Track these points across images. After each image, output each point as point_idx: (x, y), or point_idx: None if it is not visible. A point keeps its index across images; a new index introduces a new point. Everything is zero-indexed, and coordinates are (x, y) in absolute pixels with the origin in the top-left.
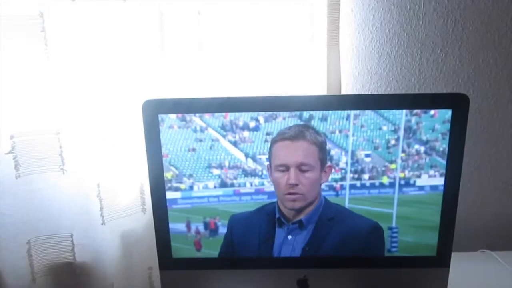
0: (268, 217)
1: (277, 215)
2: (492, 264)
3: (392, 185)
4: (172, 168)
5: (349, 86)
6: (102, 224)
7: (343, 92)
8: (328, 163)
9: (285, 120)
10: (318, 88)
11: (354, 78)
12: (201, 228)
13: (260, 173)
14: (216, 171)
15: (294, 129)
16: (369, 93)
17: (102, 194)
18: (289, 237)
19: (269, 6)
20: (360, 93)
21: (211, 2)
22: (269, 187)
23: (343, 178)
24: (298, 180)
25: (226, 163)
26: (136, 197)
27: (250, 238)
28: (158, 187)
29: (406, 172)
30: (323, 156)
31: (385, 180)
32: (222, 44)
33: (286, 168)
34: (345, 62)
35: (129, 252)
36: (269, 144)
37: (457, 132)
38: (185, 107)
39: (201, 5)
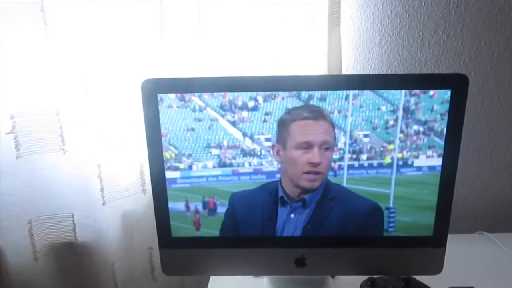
0: (270, 196)
1: (280, 194)
2: (489, 245)
3: (390, 165)
4: (171, 147)
5: (349, 67)
6: (103, 204)
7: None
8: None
9: (284, 100)
10: (319, 69)
11: (355, 60)
12: (200, 207)
13: (258, 153)
14: (215, 151)
15: (312, 109)
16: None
17: (103, 174)
18: (292, 215)
19: None
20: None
21: None
22: (267, 167)
23: (341, 158)
24: (321, 159)
25: (225, 143)
26: (136, 178)
27: (252, 217)
28: (157, 166)
29: (404, 152)
30: (335, 136)
31: (388, 160)
32: (222, 24)
33: (309, 146)
34: (346, 44)
35: (129, 232)
36: (272, 123)
37: (456, 113)
38: (184, 86)
39: None
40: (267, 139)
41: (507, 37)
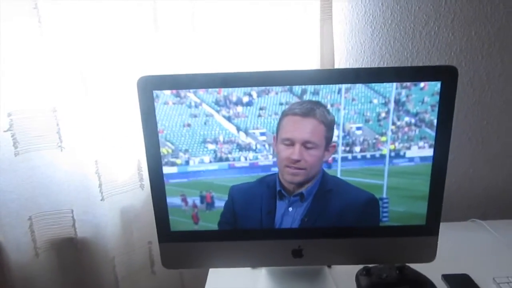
0: (269, 190)
1: (278, 188)
2: (482, 232)
3: (382, 156)
4: (168, 143)
5: (342, 60)
6: (101, 200)
7: (337, 66)
8: (333, 143)
9: (277, 95)
10: (312, 62)
11: (348, 52)
12: (198, 201)
13: (254, 147)
14: (211, 146)
15: (305, 105)
16: (362, 66)
17: (101, 170)
18: (290, 209)
19: None
20: (353, 67)
21: None
22: (263, 161)
23: (335, 151)
24: (301, 156)
25: (221, 138)
26: (134, 173)
27: (252, 210)
28: (155, 162)
29: (396, 144)
30: (330, 135)
31: (385, 152)
32: (216, 21)
33: (291, 142)
34: (338, 37)
35: (128, 227)
36: (263, 118)
37: (446, 104)
38: (179, 83)
39: None
40: (262, 134)
41: (497, 27)
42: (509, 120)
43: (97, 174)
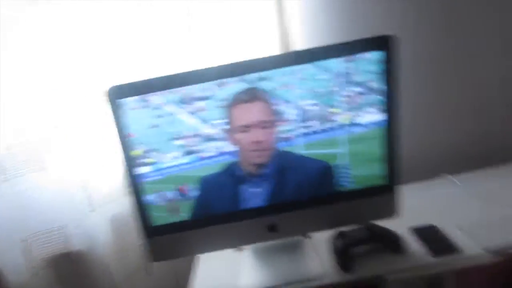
0: (233, 176)
1: (241, 173)
2: (447, 186)
3: (339, 126)
4: (140, 145)
5: (299, 41)
6: (91, 211)
7: (293, 49)
8: (280, 117)
9: (234, 85)
10: (271, 49)
11: (304, 33)
12: (175, 195)
13: (218, 137)
14: (179, 142)
15: (246, 92)
16: (317, 46)
17: (87, 184)
18: (254, 189)
19: None
20: (309, 47)
21: None
22: (228, 148)
23: (294, 128)
24: (262, 137)
25: (187, 133)
26: (119, 182)
27: (220, 196)
28: (129, 164)
29: (349, 113)
30: (275, 110)
31: (336, 123)
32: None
33: (248, 128)
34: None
35: (120, 234)
36: (223, 109)
37: (390, 69)
38: (140, 88)
39: None
40: (224, 123)
41: None
42: (460, 78)
43: (84, 188)
